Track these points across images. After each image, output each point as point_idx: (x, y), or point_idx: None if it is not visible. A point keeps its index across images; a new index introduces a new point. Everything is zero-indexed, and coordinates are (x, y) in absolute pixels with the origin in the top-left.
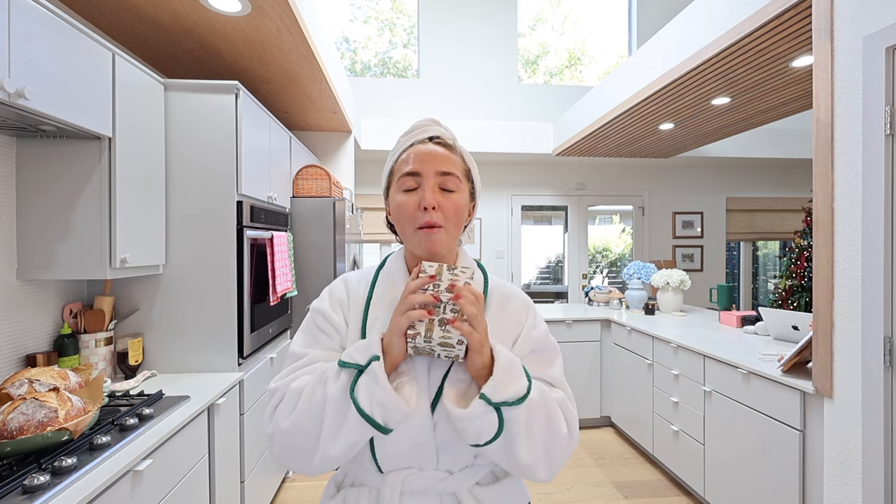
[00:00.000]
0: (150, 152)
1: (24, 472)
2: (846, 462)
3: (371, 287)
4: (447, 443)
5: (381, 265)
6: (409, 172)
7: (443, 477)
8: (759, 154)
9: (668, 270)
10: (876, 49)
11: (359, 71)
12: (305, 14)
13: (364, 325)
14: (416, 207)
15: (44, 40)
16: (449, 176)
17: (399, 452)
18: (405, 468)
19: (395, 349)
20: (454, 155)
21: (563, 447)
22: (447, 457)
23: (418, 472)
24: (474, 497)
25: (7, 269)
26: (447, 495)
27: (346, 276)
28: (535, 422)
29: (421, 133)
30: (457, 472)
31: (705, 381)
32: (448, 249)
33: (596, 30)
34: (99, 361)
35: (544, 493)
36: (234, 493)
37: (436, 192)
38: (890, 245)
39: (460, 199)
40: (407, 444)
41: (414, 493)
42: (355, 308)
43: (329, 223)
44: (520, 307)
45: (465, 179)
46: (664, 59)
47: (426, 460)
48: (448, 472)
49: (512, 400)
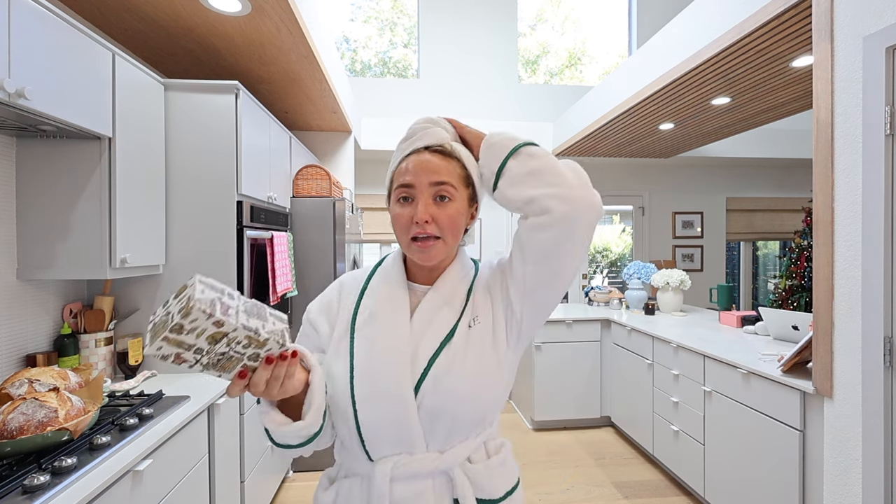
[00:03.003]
0: (150, 152)
1: (24, 472)
2: (846, 462)
3: (366, 282)
4: (435, 422)
5: (380, 262)
6: (402, 185)
7: (434, 457)
8: (759, 154)
9: (668, 270)
10: (876, 49)
11: (359, 70)
12: (305, 14)
13: (354, 317)
14: (409, 220)
15: (44, 40)
16: (443, 186)
17: (384, 437)
18: (395, 454)
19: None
20: (451, 162)
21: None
22: (437, 436)
23: (408, 457)
24: (466, 475)
25: (7, 269)
26: (439, 474)
27: (345, 276)
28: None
29: (418, 141)
30: (448, 451)
31: (705, 381)
32: (445, 257)
33: (596, 30)
34: (99, 361)
35: (544, 493)
36: (234, 493)
37: (429, 205)
38: (890, 245)
39: (455, 209)
40: (389, 428)
41: (405, 479)
42: (346, 305)
43: (329, 223)
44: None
45: (462, 185)
46: (664, 59)
47: (414, 444)
48: (439, 451)
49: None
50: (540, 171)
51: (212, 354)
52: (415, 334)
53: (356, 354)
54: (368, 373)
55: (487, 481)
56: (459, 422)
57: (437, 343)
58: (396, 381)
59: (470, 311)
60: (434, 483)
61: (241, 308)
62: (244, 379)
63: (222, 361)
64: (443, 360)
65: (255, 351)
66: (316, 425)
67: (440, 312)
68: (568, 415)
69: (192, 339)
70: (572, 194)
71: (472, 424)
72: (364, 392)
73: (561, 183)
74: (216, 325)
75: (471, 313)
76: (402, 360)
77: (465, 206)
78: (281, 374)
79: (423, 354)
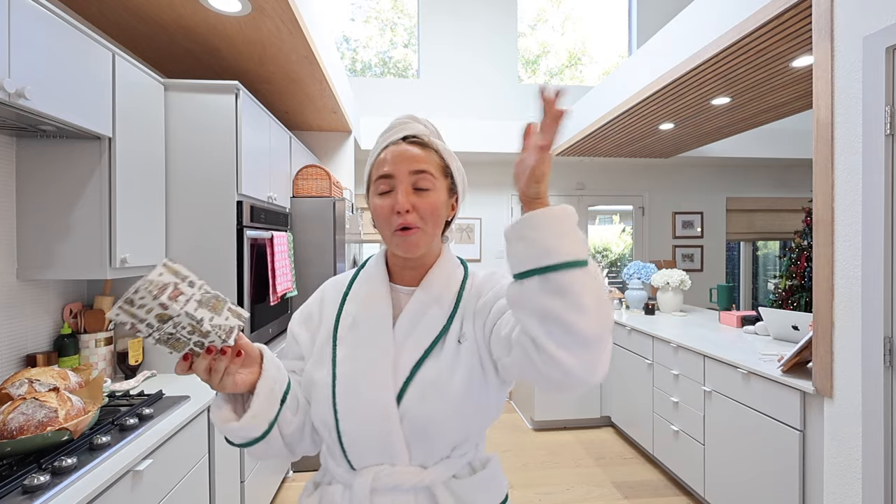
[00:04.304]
0: (150, 152)
1: (24, 472)
2: (846, 462)
3: (348, 286)
4: (418, 435)
5: (364, 265)
6: (382, 175)
7: (416, 471)
8: (759, 154)
9: (668, 270)
10: (876, 49)
11: (359, 70)
12: (305, 14)
13: (337, 321)
14: (390, 211)
15: (44, 40)
16: (422, 174)
17: (365, 448)
18: (377, 464)
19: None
20: (429, 152)
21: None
22: (420, 450)
23: (390, 468)
24: (450, 491)
25: (7, 269)
26: (422, 490)
27: (327, 282)
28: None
29: (396, 133)
30: (431, 466)
31: (705, 381)
32: (427, 249)
33: (596, 30)
34: (99, 361)
35: (544, 494)
36: (234, 493)
37: (409, 194)
38: (890, 245)
39: (436, 198)
40: (371, 438)
41: (386, 490)
42: (329, 311)
43: (329, 223)
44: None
45: (441, 176)
46: (664, 59)
47: (396, 455)
48: (422, 466)
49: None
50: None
51: (162, 332)
52: (398, 340)
53: (338, 363)
54: (350, 382)
55: (473, 498)
56: (442, 440)
57: (421, 350)
58: (378, 390)
59: (459, 320)
60: (416, 499)
61: (197, 297)
62: (187, 362)
63: (171, 340)
64: (428, 370)
65: (199, 339)
66: (256, 430)
67: (425, 316)
68: (568, 415)
69: (142, 313)
70: (592, 371)
71: (455, 444)
72: (345, 401)
73: (591, 348)
74: (161, 307)
75: (460, 325)
76: (383, 368)
77: (446, 197)
78: (220, 368)
79: (407, 362)
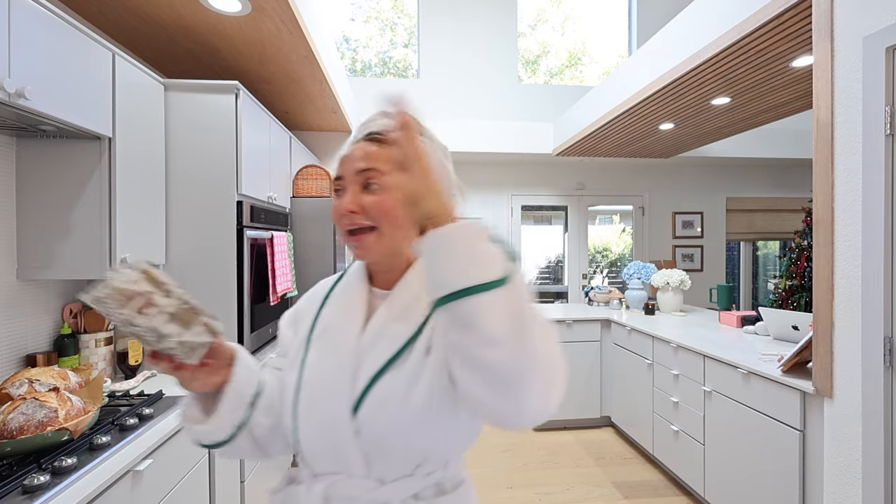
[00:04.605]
0: (150, 152)
1: (24, 472)
2: (846, 462)
3: (331, 288)
4: (375, 448)
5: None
6: (335, 178)
7: (373, 486)
8: (759, 154)
9: (668, 270)
10: (876, 49)
11: (359, 70)
12: (305, 14)
13: (314, 324)
14: (338, 213)
15: (44, 40)
16: (367, 172)
17: (319, 456)
18: (333, 473)
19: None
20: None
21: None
22: (379, 464)
23: (346, 479)
24: None
25: (7, 269)
26: None
27: (320, 282)
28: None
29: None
30: (390, 483)
31: (705, 381)
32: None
33: (596, 30)
34: (99, 361)
35: (544, 494)
36: (233, 493)
37: (356, 194)
38: (890, 245)
39: (389, 195)
40: (323, 446)
41: (341, 500)
42: (311, 313)
43: (329, 223)
44: None
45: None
46: (664, 59)
47: (352, 466)
48: (380, 481)
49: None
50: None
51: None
52: (362, 348)
53: (306, 367)
54: (311, 387)
55: None
56: (400, 455)
57: (382, 360)
58: (333, 399)
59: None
60: None
61: (170, 309)
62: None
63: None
64: (388, 381)
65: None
66: (220, 434)
67: (392, 325)
68: (568, 415)
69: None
70: (518, 413)
71: (417, 462)
72: (304, 406)
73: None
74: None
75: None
76: (342, 376)
77: None
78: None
79: (367, 371)
